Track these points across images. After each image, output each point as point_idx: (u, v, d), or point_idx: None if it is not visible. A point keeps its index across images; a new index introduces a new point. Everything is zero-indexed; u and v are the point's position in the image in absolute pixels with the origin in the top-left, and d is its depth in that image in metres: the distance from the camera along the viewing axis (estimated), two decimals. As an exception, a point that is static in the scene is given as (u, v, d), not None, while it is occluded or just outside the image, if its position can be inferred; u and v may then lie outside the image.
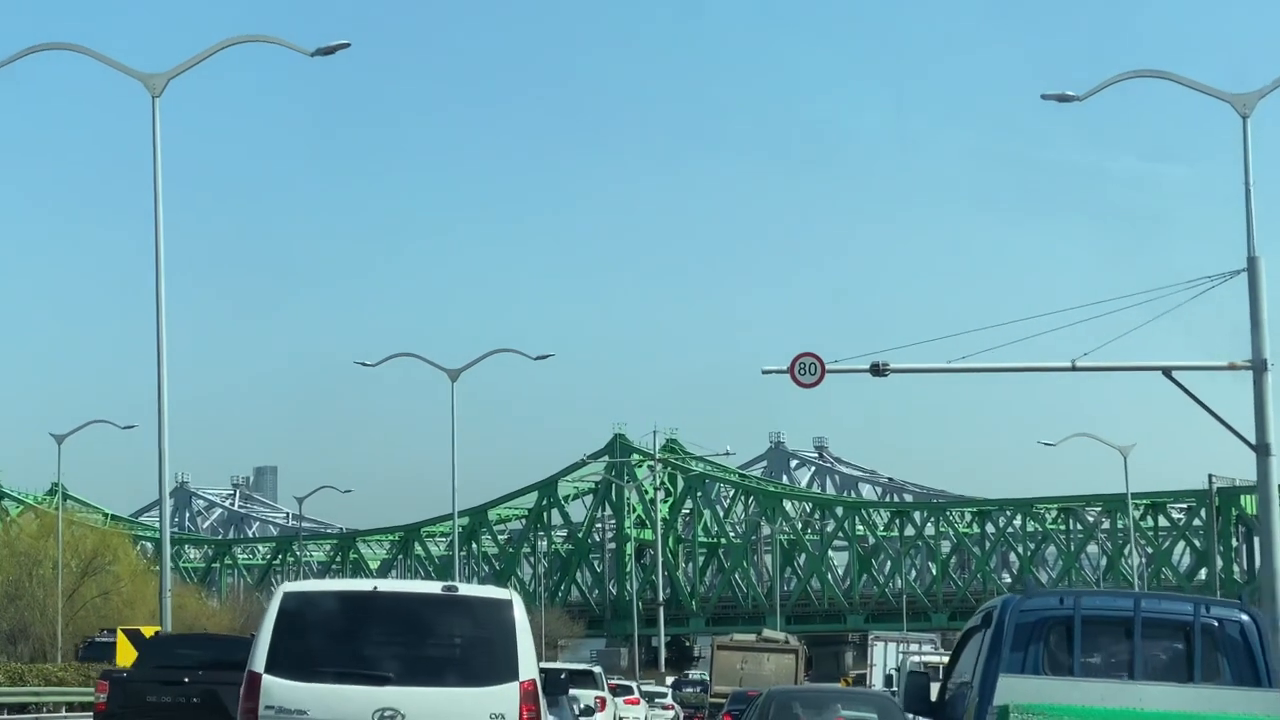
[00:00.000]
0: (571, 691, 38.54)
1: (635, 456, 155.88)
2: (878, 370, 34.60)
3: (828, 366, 35.17)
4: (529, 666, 17.50)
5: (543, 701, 17.82)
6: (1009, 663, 16.73)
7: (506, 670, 17.39)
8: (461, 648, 17.70)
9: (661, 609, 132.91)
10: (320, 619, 17.61)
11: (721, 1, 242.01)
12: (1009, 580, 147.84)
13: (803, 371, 34.96)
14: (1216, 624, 17.19)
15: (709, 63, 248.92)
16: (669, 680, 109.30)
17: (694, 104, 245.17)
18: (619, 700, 59.21)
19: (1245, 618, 17.34)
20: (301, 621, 17.51)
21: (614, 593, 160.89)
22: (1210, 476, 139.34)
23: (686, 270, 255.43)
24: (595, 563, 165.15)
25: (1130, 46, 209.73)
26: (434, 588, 18.12)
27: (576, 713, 36.52)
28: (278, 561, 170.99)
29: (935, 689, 18.59)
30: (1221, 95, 37.98)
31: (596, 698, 48.10)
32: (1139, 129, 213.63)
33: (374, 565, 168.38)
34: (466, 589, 18.25)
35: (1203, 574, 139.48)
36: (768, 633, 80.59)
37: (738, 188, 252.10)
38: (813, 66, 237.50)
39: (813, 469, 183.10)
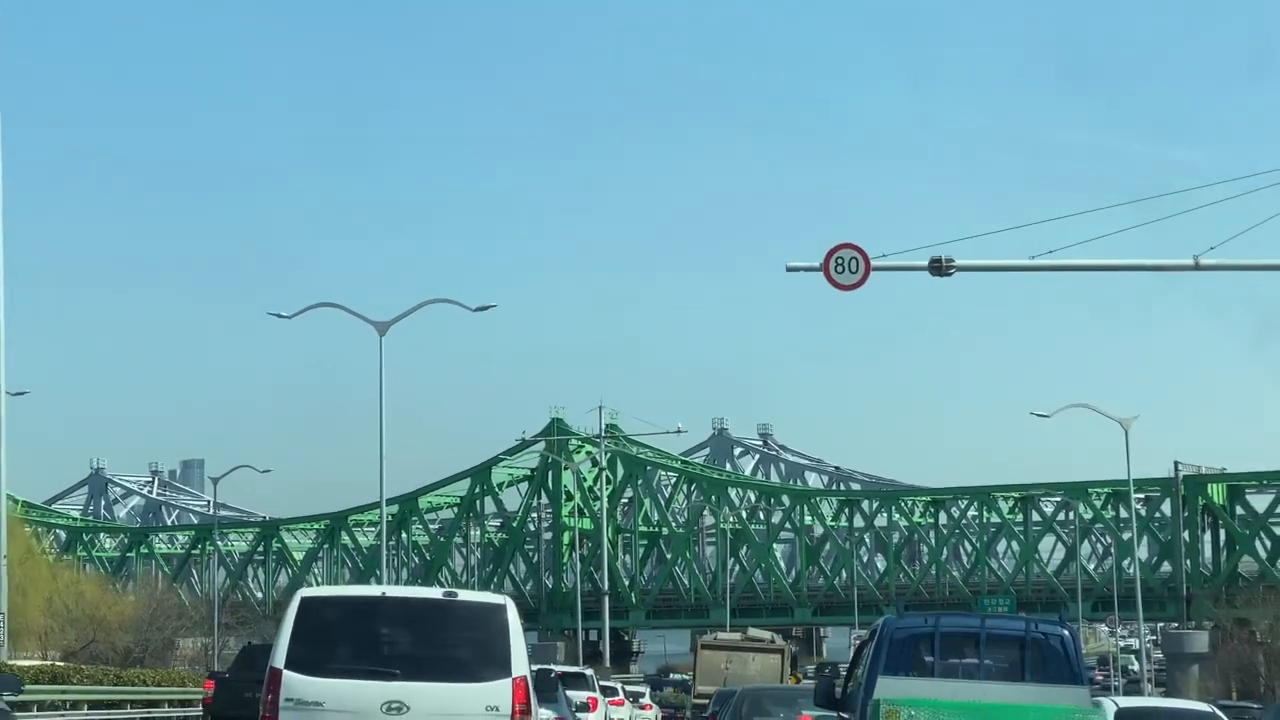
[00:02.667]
0: (567, 692, 40.09)
1: (574, 441, 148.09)
2: (939, 267, 26.68)
3: (874, 262, 26.63)
4: (521, 664, 19.22)
5: (533, 697, 19.52)
6: (886, 667, 21.27)
7: (501, 667, 19.10)
8: (461, 647, 19.32)
9: (605, 601, 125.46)
10: (334, 621, 19.48)
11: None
12: (957, 575, 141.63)
13: (840, 269, 26.40)
14: (1043, 637, 21.52)
15: (713, 40, 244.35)
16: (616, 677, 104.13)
17: (685, 77, 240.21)
18: (606, 700, 59.96)
19: (1065, 633, 21.70)
20: (317, 623, 19.29)
21: (549, 585, 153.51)
22: (1176, 464, 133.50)
23: (642, 244, 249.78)
24: (530, 553, 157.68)
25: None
26: (435, 593, 20.10)
27: (573, 709, 37.66)
28: (197, 551, 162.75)
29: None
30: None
31: (588, 698, 49.78)
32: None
33: (298, 555, 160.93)
34: (465, 594, 20.11)
35: (1166, 567, 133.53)
36: (754, 631, 75.09)
37: (725, 159, 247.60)
38: (826, 46, 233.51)
39: (757, 457, 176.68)
